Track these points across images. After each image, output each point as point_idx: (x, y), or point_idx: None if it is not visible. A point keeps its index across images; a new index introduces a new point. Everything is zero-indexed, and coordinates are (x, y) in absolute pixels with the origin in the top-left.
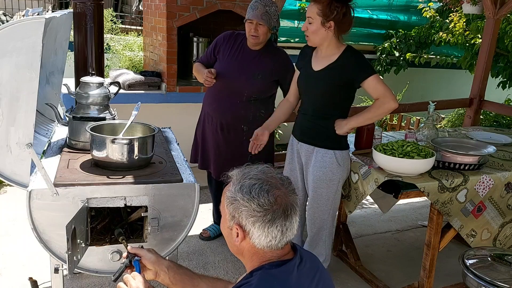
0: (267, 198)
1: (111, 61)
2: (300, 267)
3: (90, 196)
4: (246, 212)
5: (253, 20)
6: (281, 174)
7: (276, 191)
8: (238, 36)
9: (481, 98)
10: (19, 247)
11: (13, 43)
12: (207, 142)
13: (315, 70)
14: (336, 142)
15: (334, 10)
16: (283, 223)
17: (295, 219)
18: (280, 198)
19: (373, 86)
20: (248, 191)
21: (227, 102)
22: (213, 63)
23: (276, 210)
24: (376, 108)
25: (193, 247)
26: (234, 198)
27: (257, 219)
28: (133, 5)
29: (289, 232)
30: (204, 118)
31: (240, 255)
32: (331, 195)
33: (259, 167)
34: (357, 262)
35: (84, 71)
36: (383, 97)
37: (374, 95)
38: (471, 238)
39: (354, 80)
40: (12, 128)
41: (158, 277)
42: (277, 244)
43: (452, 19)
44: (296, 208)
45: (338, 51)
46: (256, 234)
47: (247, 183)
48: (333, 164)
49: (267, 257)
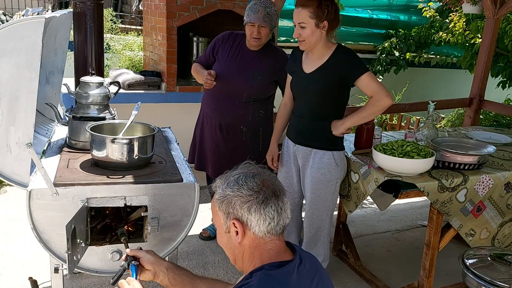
0: (254, 181)
1: (111, 61)
2: (300, 268)
3: (90, 196)
4: (240, 200)
5: (255, 23)
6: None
7: (261, 176)
8: (237, 36)
9: (481, 98)
10: (19, 247)
11: (13, 43)
12: (205, 142)
13: (307, 72)
14: (333, 143)
15: (325, 9)
16: (276, 202)
17: (286, 200)
18: (267, 182)
19: (366, 84)
20: (235, 183)
21: (226, 103)
22: (212, 63)
23: (266, 191)
24: (371, 106)
25: (193, 247)
26: (224, 195)
27: (252, 203)
28: (133, 5)
29: (284, 213)
30: (203, 119)
31: (240, 259)
32: (330, 196)
33: (238, 166)
34: (357, 262)
35: (84, 71)
36: (377, 95)
37: (368, 93)
38: (469, 237)
39: (347, 78)
40: (12, 128)
41: (157, 278)
42: (276, 227)
43: (452, 19)
44: (284, 190)
45: (329, 51)
46: (254, 221)
47: (232, 178)
48: (331, 165)
49: (267, 250)
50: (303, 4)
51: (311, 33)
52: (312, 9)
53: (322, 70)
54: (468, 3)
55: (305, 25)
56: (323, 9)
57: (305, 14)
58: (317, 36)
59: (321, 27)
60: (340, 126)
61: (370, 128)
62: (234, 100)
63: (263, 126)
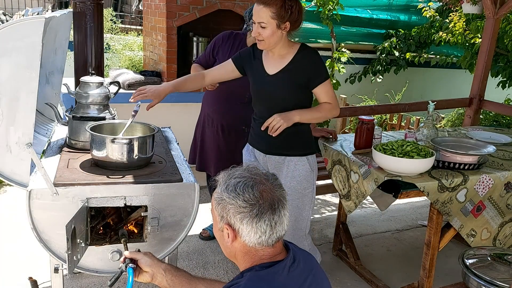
0: (251, 193)
1: (111, 61)
2: (292, 268)
3: (90, 195)
4: (233, 210)
5: None
6: (266, 170)
7: (261, 186)
8: (237, 36)
9: (481, 98)
10: (19, 246)
11: (13, 43)
12: (207, 143)
13: (270, 74)
14: (307, 147)
15: (289, 10)
16: (271, 217)
17: (284, 213)
18: (266, 193)
19: (326, 90)
20: (233, 189)
21: (228, 104)
22: (212, 64)
23: (262, 204)
24: (327, 112)
25: (193, 247)
26: (221, 198)
27: (244, 215)
28: (133, 5)
29: (278, 227)
30: (204, 119)
31: (233, 257)
32: (308, 204)
33: (244, 166)
34: (357, 262)
35: (84, 71)
36: (334, 102)
37: (324, 99)
38: (471, 238)
39: (310, 82)
40: (12, 128)
41: (155, 280)
42: (267, 240)
43: (452, 19)
44: (284, 202)
45: (292, 50)
46: (245, 231)
47: (232, 182)
48: (306, 172)
49: (258, 256)
50: (266, 2)
51: (271, 33)
52: (274, 9)
53: (285, 72)
54: (468, 3)
55: (266, 25)
56: (287, 10)
57: (266, 13)
58: (277, 37)
59: (283, 28)
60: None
61: (370, 128)
62: (235, 101)
63: None
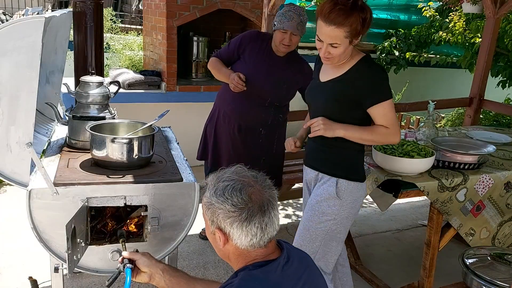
0: (240, 197)
1: (111, 61)
2: (285, 267)
3: (90, 195)
4: (223, 214)
5: (288, 30)
6: (255, 171)
7: (250, 188)
8: (265, 38)
9: (481, 97)
10: (19, 246)
11: (13, 42)
12: (221, 142)
13: (321, 81)
14: (343, 169)
15: (364, 23)
16: (261, 219)
17: (274, 213)
18: (255, 195)
19: (383, 113)
20: (222, 193)
21: (249, 105)
22: (234, 61)
23: (251, 207)
24: (382, 136)
25: (193, 247)
26: (210, 202)
27: (234, 220)
28: (133, 4)
29: (269, 228)
30: (218, 116)
31: (227, 258)
32: (320, 234)
33: (232, 168)
34: (357, 262)
35: (84, 71)
36: (392, 128)
37: (381, 122)
38: (469, 236)
39: (364, 99)
40: (12, 127)
41: (153, 280)
42: (259, 241)
43: (452, 19)
44: (274, 202)
45: (352, 61)
46: (236, 235)
47: (221, 186)
48: (330, 195)
49: (251, 257)
50: (339, 23)
51: (343, 51)
52: (349, 28)
53: (335, 82)
54: (468, 3)
55: (339, 45)
56: (362, 24)
57: (339, 34)
58: (348, 52)
59: (354, 42)
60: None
61: None
62: (256, 103)
63: (279, 129)
